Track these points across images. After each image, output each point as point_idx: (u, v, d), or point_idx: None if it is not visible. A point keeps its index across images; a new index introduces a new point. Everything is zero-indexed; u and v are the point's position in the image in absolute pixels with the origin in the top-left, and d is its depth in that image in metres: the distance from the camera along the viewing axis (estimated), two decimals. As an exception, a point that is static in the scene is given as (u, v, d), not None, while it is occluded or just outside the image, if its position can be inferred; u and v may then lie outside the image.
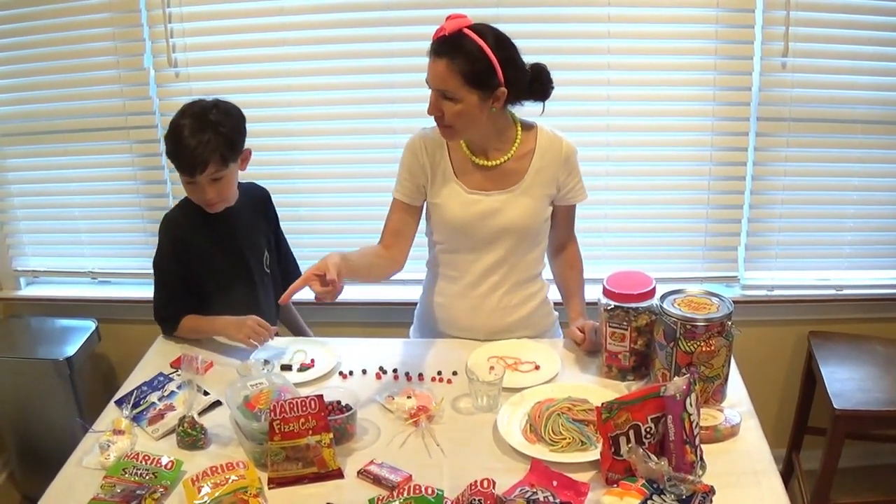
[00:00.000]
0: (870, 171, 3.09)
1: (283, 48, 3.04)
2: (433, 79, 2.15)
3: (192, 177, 2.37)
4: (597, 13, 2.91)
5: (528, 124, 2.39)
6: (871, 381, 2.86)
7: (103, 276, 3.47)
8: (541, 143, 2.36)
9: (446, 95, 2.15)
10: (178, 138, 2.33)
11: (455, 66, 2.11)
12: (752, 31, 2.89)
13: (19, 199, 3.41)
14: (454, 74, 2.11)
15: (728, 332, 2.01)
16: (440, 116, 2.20)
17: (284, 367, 2.34)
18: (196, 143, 2.31)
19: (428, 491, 1.70)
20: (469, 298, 2.47)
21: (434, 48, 2.14)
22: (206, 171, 2.35)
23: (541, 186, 2.37)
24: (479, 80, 2.13)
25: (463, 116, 2.18)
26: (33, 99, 3.22)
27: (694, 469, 1.76)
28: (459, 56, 2.10)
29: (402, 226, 2.44)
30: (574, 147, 2.40)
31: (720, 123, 3.02)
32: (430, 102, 2.19)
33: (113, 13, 3.03)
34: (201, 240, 2.52)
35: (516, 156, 2.34)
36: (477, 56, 2.11)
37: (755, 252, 3.20)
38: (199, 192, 2.41)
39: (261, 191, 2.74)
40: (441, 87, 2.14)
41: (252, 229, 2.63)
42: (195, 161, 2.32)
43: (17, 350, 3.30)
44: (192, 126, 2.33)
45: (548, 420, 1.97)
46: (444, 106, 2.17)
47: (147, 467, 1.83)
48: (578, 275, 2.59)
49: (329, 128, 3.12)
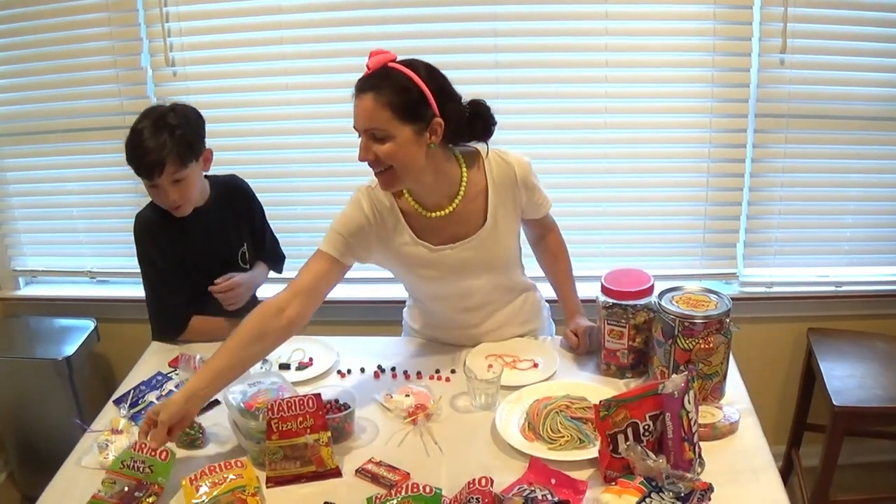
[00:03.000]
0: (868, 168, 3.09)
1: (280, 47, 3.04)
2: (359, 118, 1.99)
3: (151, 180, 2.36)
4: (594, 10, 2.91)
5: (470, 156, 2.21)
6: (871, 377, 2.85)
7: (102, 276, 3.47)
8: (491, 175, 2.20)
9: (375, 136, 1.98)
10: (135, 142, 2.34)
11: (381, 99, 1.94)
12: (749, 27, 2.89)
13: (17, 198, 3.42)
14: (381, 108, 1.94)
15: (726, 330, 2.01)
16: (373, 160, 2.01)
17: (283, 366, 2.34)
18: (153, 145, 2.31)
19: (426, 489, 1.70)
20: (458, 326, 2.43)
21: (357, 86, 1.99)
22: (165, 173, 2.34)
23: (505, 219, 2.25)
24: (411, 111, 1.96)
25: (398, 156, 1.99)
26: (31, 99, 3.22)
27: (692, 467, 1.76)
28: (385, 88, 1.95)
29: (322, 283, 2.16)
30: (527, 163, 2.24)
31: (718, 120, 3.02)
32: (361, 148, 2.01)
33: (110, 13, 3.03)
34: (172, 238, 2.50)
35: (468, 197, 2.18)
36: (405, 85, 1.96)
37: (754, 249, 3.20)
38: (163, 195, 2.40)
39: (238, 182, 2.71)
40: (369, 126, 1.97)
41: (224, 225, 2.62)
42: (152, 163, 2.32)
43: (15, 350, 3.30)
44: (150, 130, 2.34)
45: (546, 418, 1.97)
46: (376, 148, 1.98)
47: (143, 458, 1.82)
48: (564, 265, 2.52)
49: (325, 126, 3.12)
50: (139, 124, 2.36)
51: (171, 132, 2.33)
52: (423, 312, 2.51)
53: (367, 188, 2.20)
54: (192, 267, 2.54)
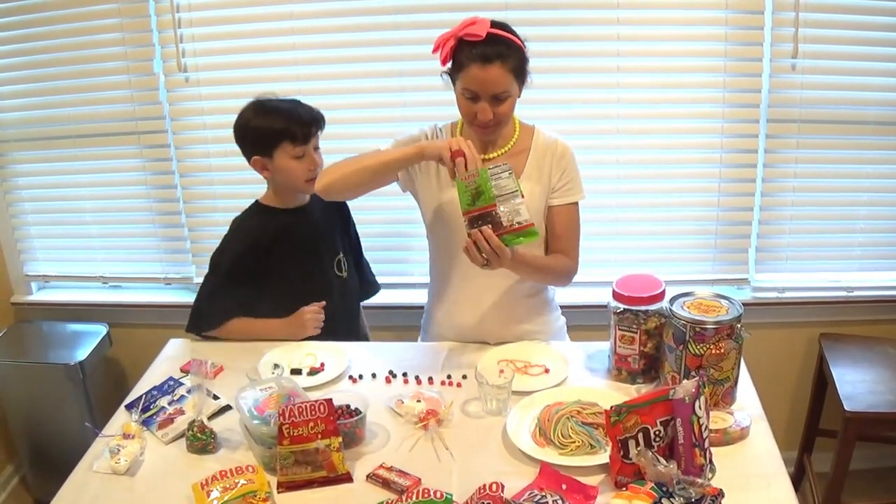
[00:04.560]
0: (880, 173, 3.08)
1: (291, 53, 3.05)
2: (489, 85, 2.14)
3: (307, 141, 2.48)
4: (606, 16, 2.92)
5: (527, 124, 2.41)
6: (883, 383, 2.84)
7: (114, 281, 3.49)
8: (536, 142, 2.38)
9: (500, 98, 2.17)
10: (282, 109, 2.48)
11: (507, 66, 2.13)
12: (761, 32, 2.89)
13: (30, 204, 3.43)
14: (507, 73, 2.14)
15: (738, 335, 2.00)
16: (492, 120, 2.19)
17: (294, 371, 2.34)
18: (304, 108, 2.50)
19: (437, 495, 1.70)
20: (473, 303, 2.46)
21: (480, 55, 2.12)
22: (315, 137, 2.52)
23: (536, 183, 2.36)
24: (523, 72, 2.20)
25: (510, 112, 2.24)
26: (44, 104, 3.24)
27: (703, 472, 1.75)
28: (508, 56, 2.14)
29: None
30: (570, 148, 2.39)
31: (730, 125, 3.02)
32: (482, 110, 2.17)
33: (123, 18, 3.04)
34: (274, 246, 2.55)
35: (512, 151, 2.36)
36: (518, 50, 2.17)
37: (765, 254, 3.20)
38: (308, 160, 2.51)
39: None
40: (499, 91, 2.16)
41: (325, 231, 2.66)
42: (311, 122, 2.49)
43: (28, 354, 3.32)
44: (287, 102, 2.52)
45: (557, 423, 1.96)
46: (497, 109, 2.18)
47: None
48: (550, 258, 2.43)
49: (337, 132, 3.11)
50: (270, 104, 2.50)
51: (300, 103, 2.52)
52: (440, 285, 2.52)
53: (432, 126, 2.42)
54: (289, 277, 2.58)
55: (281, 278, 2.58)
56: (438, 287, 2.55)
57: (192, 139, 3.20)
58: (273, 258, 2.56)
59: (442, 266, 2.50)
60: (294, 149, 2.46)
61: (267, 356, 2.40)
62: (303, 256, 2.60)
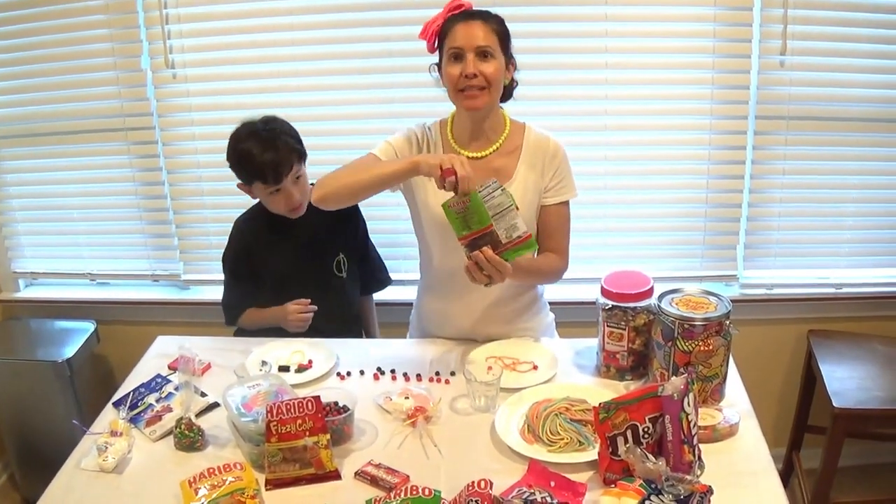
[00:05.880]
0: (868, 169, 3.09)
1: (280, 49, 3.03)
2: (472, 38, 2.19)
3: (278, 183, 2.51)
4: (594, 12, 2.91)
5: (517, 122, 2.42)
6: (871, 379, 2.85)
7: (102, 278, 3.47)
8: (528, 140, 2.38)
9: (486, 53, 2.20)
10: (255, 155, 2.49)
11: (490, 26, 2.21)
12: (749, 29, 2.89)
13: (18, 200, 3.41)
14: (490, 32, 2.20)
15: (726, 332, 2.01)
16: (475, 77, 2.19)
17: (282, 368, 2.34)
18: (275, 151, 2.49)
19: (425, 492, 1.70)
20: (462, 300, 2.46)
21: (464, 15, 2.23)
22: (292, 172, 2.51)
23: (529, 182, 2.36)
24: (505, 43, 2.25)
25: (496, 77, 2.23)
26: (31, 101, 3.22)
27: (692, 469, 1.76)
28: (491, 19, 2.23)
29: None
30: (562, 146, 2.40)
31: (718, 122, 3.02)
32: (467, 63, 2.19)
33: (110, 14, 3.02)
34: (270, 247, 2.66)
35: (503, 150, 2.36)
36: (502, 22, 2.26)
37: (754, 251, 3.20)
38: (286, 197, 2.55)
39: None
40: (483, 43, 2.19)
41: (324, 233, 2.69)
42: (281, 165, 2.49)
43: (16, 352, 3.31)
44: (262, 141, 2.51)
45: (545, 420, 1.97)
46: (482, 66, 2.20)
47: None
48: (542, 260, 2.42)
49: (326, 128, 3.11)
50: (245, 143, 2.52)
51: (280, 136, 2.53)
52: (429, 282, 2.54)
53: (421, 125, 2.42)
54: (284, 276, 2.67)
55: (279, 276, 2.67)
56: (427, 284, 2.56)
57: (180, 136, 3.18)
58: (271, 257, 2.65)
59: (431, 263, 2.50)
60: (268, 187, 2.53)
61: (255, 353, 2.40)
62: (300, 256, 2.67)
